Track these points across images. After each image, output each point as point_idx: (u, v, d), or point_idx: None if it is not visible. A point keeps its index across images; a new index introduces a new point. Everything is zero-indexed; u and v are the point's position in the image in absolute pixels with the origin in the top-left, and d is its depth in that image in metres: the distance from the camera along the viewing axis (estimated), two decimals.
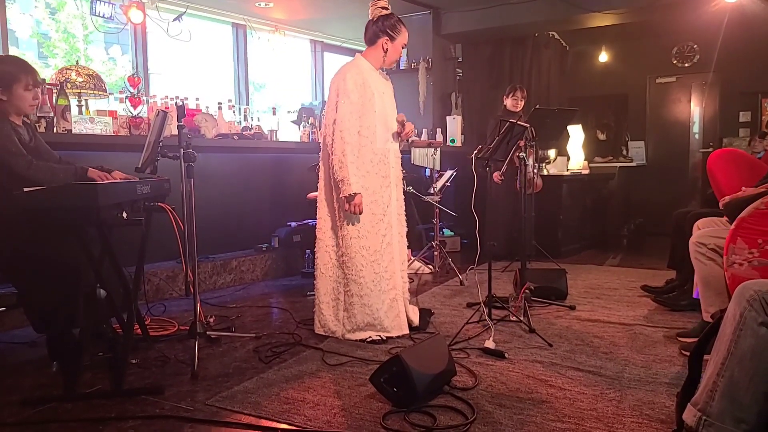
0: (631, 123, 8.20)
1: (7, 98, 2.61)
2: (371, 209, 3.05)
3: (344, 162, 2.94)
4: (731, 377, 1.56)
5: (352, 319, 3.07)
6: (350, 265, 3.04)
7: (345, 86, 2.98)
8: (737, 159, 3.80)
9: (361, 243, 3.04)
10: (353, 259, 3.04)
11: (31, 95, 2.69)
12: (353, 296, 3.05)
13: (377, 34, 3.06)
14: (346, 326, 3.08)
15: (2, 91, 2.60)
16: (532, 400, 2.30)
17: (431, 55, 6.80)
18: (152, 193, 2.69)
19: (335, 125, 2.97)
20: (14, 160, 2.50)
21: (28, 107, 2.71)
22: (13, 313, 3.25)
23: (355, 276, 3.04)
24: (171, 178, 2.92)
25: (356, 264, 3.04)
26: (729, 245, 2.49)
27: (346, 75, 3.01)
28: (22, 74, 2.64)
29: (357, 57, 3.13)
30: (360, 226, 3.04)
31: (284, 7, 6.33)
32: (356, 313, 3.06)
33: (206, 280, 4.44)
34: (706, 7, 5.76)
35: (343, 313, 3.08)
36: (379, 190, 3.08)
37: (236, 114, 5.16)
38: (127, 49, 6.26)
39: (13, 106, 2.64)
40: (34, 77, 2.69)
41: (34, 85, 2.69)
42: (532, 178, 4.68)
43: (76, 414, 2.23)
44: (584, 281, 4.59)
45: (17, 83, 2.61)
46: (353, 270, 3.04)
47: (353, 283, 3.05)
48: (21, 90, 2.63)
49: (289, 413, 2.20)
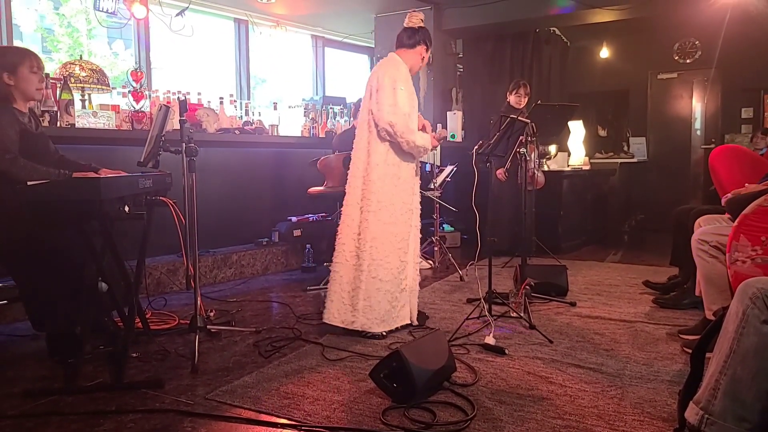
0: (632, 119, 8.19)
1: (14, 82, 2.65)
2: (402, 198, 3.13)
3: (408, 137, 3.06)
4: (734, 375, 1.56)
5: (375, 307, 3.04)
6: (381, 250, 3.06)
7: (400, 75, 3.12)
8: (739, 155, 3.79)
9: (391, 229, 3.09)
10: (384, 244, 3.06)
11: (37, 78, 2.72)
12: (379, 281, 3.05)
13: (420, 41, 3.26)
14: (368, 315, 3.03)
15: (9, 76, 2.64)
16: (532, 396, 2.30)
17: (432, 51, 6.78)
18: (154, 187, 2.70)
19: (395, 108, 3.03)
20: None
21: (35, 91, 2.73)
22: (14, 306, 3.26)
23: (383, 261, 3.06)
24: (173, 173, 2.91)
25: (386, 249, 3.07)
26: (732, 242, 2.48)
27: (400, 67, 3.16)
28: (24, 57, 2.69)
29: (396, 56, 3.23)
30: (392, 212, 3.09)
31: (286, 2, 6.32)
32: (380, 300, 3.05)
33: (207, 274, 4.44)
34: (708, 3, 5.75)
35: (363, 302, 3.04)
36: (410, 181, 3.19)
37: (237, 109, 5.16)
38: (130, 44, 6.25)
39: (19, 91, 2.67)
40: (38, 61, 2.74)
41: (39, 68, 2.72)
42: (534, 174, 4.67)
43: (76, 407, 2.23)
44: (585, 277, 4.59)
45: (22, 65, 2.66)
46: (382, 254, 3.06)
47: (381, 268, 3.06)
48: (26, 71, 2.66)
49: (288, 408, 2.20)
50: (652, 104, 8.03)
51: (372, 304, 3.03)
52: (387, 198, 3.07)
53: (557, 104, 5.12)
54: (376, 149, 3.08)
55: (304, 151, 5.40)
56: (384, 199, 3.07)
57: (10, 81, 2.64)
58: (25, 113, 2.73)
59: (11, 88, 2.64)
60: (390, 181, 3.09)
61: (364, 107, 3.18)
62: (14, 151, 2.54)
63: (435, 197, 4.94)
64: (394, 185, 3.10)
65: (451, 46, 7.13)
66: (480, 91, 7.25)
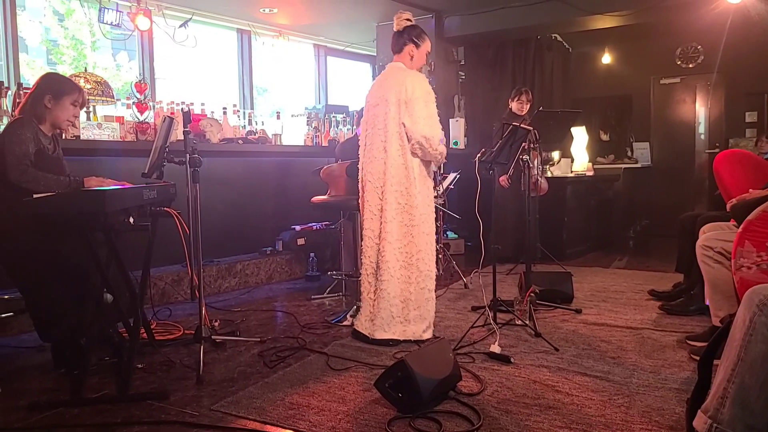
0: (635, 124, 8.17)
1: (52, 107, 2.73)
2: (430, 208, 3.19)
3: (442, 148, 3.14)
4: (742, 383, 1.54)
5: (426, 315, 3.13)
6: (427, 261, 3.12)
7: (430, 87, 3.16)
8: (744, 160, 3.77)
9: (429, 240, 3.16)
10: (428, 255, 3.13)
11: (73, 112, 2.82)
12: (428, 291, 3.13)
13: (404, 42, 3.24)
14: (419, 325, 3.10)
15: (51, 99, 2.72)
16: (539, 406, 2.29)
17: (434, 58, 6.80)
18: (158, 198, 2.70)
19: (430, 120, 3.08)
20: (12, 162, 2.55)
21: (65, 122, 2.83)
22: (20, 318, 3.27)
23: (428, 271, 3.13)
24: (177, 183, 2.92)
25: (430, 259, 3.15)
26: (737, 248, 2.47)
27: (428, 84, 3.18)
28: (76, 91, 2.80)
29: (397, 64, 3.24)
30: (430, 224, 3.17)
31: (288, 12, 6.35)
32: (429, 309, 3.14)
33: (211, 283, 4.44)
34: (710, 8, 5.74)
35: (414, 312, 3.10)
36: (432, 191, 3.27)
37: (241, 118, 5.17)
38: (134, 55, 6.28)
39: (52, 117, 2.75)
40: (83, 99, 2.87)
41: (81, 104, 2.85)
42: (537, 180, 4.66)
43: (82, 419, 2.23)
44: (590, 284, 4.57)
45: (68, 95, 2.76)
46: (429, 265, 3.13)
47: (428, 279, 3.13)
48: (68, 103, 2.76)
49: (293, 419, 2.20)
50: (655, 109, 8.02)
51: (422, 313, 3.11)
52: (428, 210, 3.17)
53: (559, 110, 5.11)
54: (412, 163, 3.10)
55: (307, 159, 5.41)
56: (425, 211, 3.15)
57: (49, 104, 2.72)
58: (48, 136, 2.80)
59: (47, 111, 2.72)
60: (428, 193, 3.19)
61: (391, 118, 3.08)
62: (26, 163, 2.58)
63: (438, 204, 4.94)
64: (429, 196, 3.20)
65: (453, 53, 7.14)
66: (482, 98, 7.26)
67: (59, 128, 2.88)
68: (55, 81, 2.84)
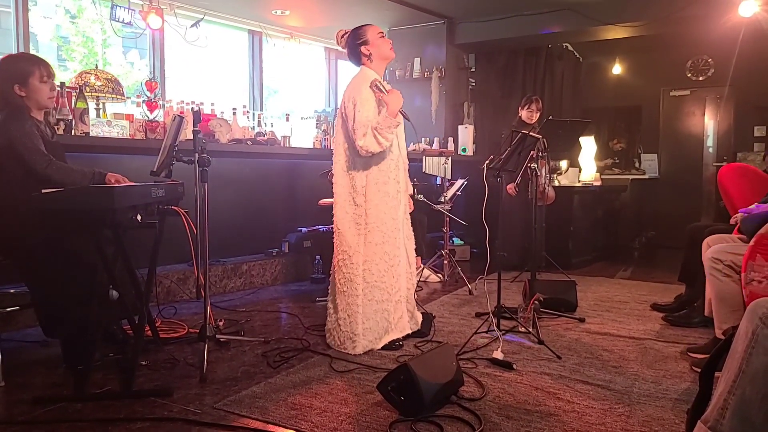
0: (644, 135, 8.16)
1: (26, 93, 2.68)
2: (391, 215, 3.08)
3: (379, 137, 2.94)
4: (743, 395, 1.54)
5: (374, 328, 3.05)
6: (374, 272, 3.04)
7: (355, 91, 3.04)
8: (748, 174, 3.79)
9: (384, 249, 3.06)
10: (378, 265, 3.04)
11: (48, 87, 2.74)
12: (375, 303, 3.04)
13: (353, 51, 3.19)
14: (368, 337, 3.03)
15: (20, 87, 2.66)
16: (539, 412, 2.29)
17: (444, 65, 6.84)
18: (166, 196, 2.72)
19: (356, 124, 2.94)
20: (33, 158, 2.55)
21: (47, 100, 2.76)
22: (25, 312, 3.28)
23: (378, 282, 3.04)
24: (185, 182, 2.94)
25: (380, 270, 3.05)
26: (748, 262, 2.46)
27: (360, 85, 3.06)
28: (34, 67, 2.70)
29: (362, 69, 3.18)
30: (384, 232, 3.06)
31: (300, 15, 6.38)
32: (378, 320, 3.05)
33: (216, 283, 4.46)
34: (721, 21, 5.74)
35: (362, 326, 3.02)
36: (396, 196, 3.13)
37: (250, 119, 5.20)
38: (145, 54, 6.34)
39: (32, 101, 2.70)
40: (47, 69, 2.75)
41: (48, 76, 2.74)
42: (544, 189, 4.66)
43: (85, 414, 2.24)
44: (594, 293, 4.56)
45: (32, 76, 2.68)
46: (377, 276, 3.04)
47: (376, 289, 3.04)
48: (36, 82, 2.69)
49: (296, 419, 2.21)
50: (664, 121, 8.01)
51: (371, 326, 3.04)
52: (379, 218, 3.04)
53: (569, 120, 5.12)
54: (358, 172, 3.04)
55: (315, 162, 5.43)
56: (374, 219, 3.04)
57: (21, 92, 2.67)
58: (41, 122, 2.78)
59: (24, 99, 2.68)
60: (380, 199, 3.05)
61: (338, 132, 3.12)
62: (48, 156, 2.59)
63: (445, 210, 4.95)
64: (385, 203, 3.06)
65: (464, 60, 7.17)
66: (492, 106, 7.27)
67: (45, 107, 2.81)
68: (12, 67, 2.71)
